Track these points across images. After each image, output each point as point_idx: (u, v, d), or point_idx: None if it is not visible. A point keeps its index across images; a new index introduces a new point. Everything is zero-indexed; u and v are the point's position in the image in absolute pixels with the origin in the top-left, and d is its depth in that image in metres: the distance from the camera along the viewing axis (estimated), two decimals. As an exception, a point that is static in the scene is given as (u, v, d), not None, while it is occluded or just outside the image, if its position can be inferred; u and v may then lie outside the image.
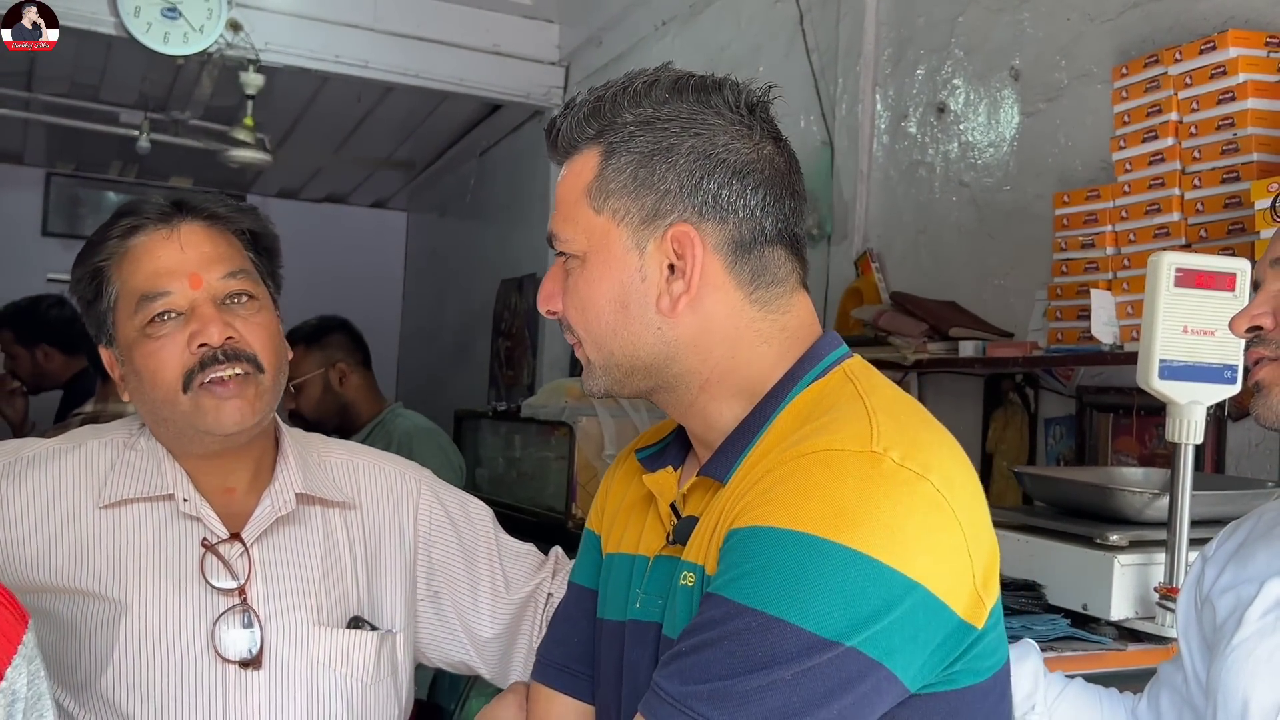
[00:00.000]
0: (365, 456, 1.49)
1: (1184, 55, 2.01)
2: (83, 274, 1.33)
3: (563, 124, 1.08)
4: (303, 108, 5.71)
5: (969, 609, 0.92)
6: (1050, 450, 2.49)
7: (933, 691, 0.92)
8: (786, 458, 0.94)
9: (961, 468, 0.97)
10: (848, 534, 0.87)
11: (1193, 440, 1.46)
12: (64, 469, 1.32)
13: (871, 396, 0.99)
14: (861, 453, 0.91)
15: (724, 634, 0.89)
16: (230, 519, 1.33)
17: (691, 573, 1.00)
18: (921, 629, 0.89)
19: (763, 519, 0.91)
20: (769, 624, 0.87)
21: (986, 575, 0.95)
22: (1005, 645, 1.01)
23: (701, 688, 0.88)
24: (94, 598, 1.27)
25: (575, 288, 1.06)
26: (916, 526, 0.90)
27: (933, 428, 1.00)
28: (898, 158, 3.03)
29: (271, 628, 1.30)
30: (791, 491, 0.91)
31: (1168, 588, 1.47)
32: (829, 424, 0.96)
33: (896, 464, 0.91)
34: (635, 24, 4.40)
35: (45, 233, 7.21)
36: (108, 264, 1.31)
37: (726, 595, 0.90)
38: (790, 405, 1.02)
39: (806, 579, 0.87)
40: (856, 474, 0.90)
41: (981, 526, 0.96)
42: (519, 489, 3.27)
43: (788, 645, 0.86)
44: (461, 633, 1.45)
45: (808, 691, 0.86)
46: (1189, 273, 1.44)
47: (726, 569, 0.93)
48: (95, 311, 1.33)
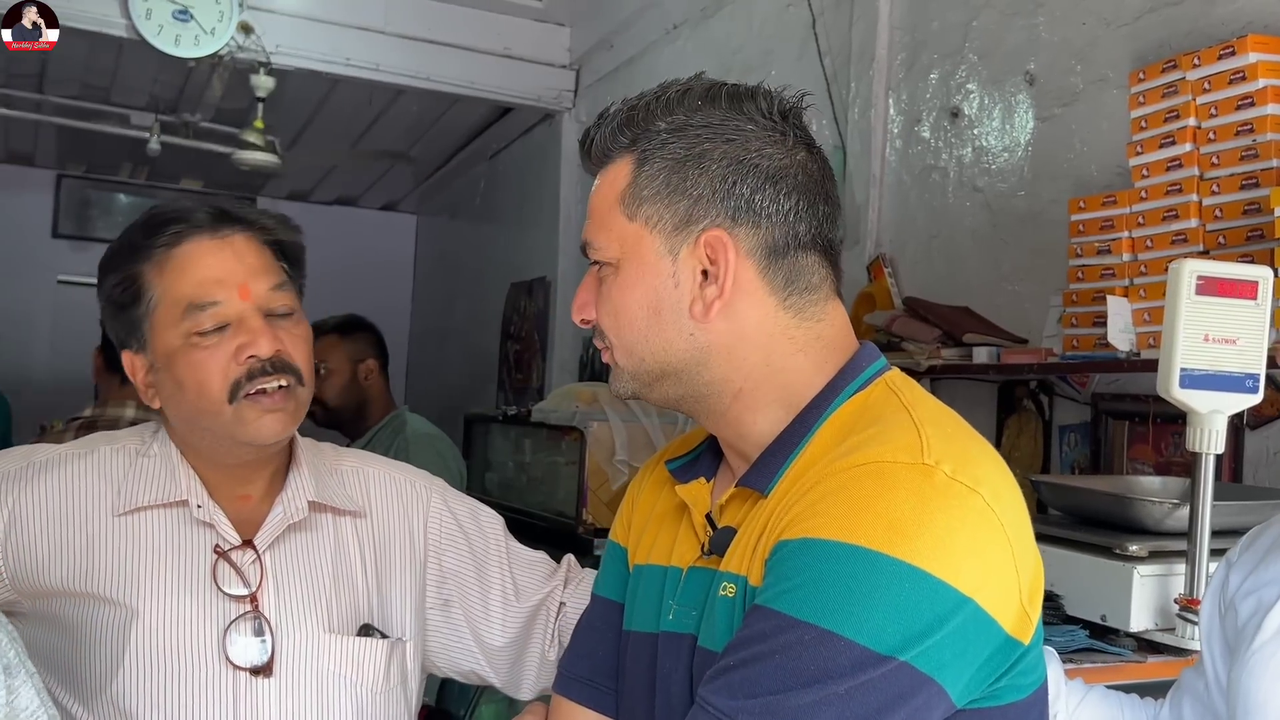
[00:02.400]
0: (376, 465, 1.48)
1: (1202, 60, 1.99)
2: (119, 278, 1.31)
3: (596, 134, 1.08)
4: (313, 110, 5.71)
5: (1016, 624, 0.92)
6: (1065, 457, 2.47)
7: (978, 707, 0.92)
8: (836, 469, 0.93)
9: (1008, 482, 0.96)
10: (901, 547, 0.87)
11: (1214, 450, 1.44)
12: (76, 475, 1.31)
13: (917, 409, 0.98)
14: (914, 465, 0.91)
15: (775, 647, 0.88)
16: (243, 525, 1.32)
17: (732, 584, 0.99)
18: (971, 644, 0.88)
19: (814, 531, 0.90)
20: (822, 637, 0.86)
21: (1032, 591, 0.94)
22: (1044, 662, 0.99)
23: (752, 703, 0.87)
24: (105, 603, 1.26)
25: (608, 295, 1.06)
26: (968, 540, 0.89)
27: (978, 441, 0.99)
28: (911, 162, 3.02)
29: (282, 635, 1.29)
30: (844, 504, 0.90)
31: (1188, 599, 1.45)
32: (877, 435, 0.95)
33: (949, 477, 0.90)
34: (646, 27, 4.38)
35: (55, 234, 7.23)
36: (147, 268, 1.29)
37: (777, 608, 0.89)
38: (833, 416, 1.01)
39: (860, 592, 0.86)
40: (909, 487, 0.89)
41: (1027, 542, 0.95)
42: (529, 494, 3.26)
43: (841, 659, 0.85)
44: (472, 641, 1.44)
45: (861, 706, 0.85)
46: (1210, 280, 1.43)
47: (776, 581, 0.91)
48: (129, 316, 1.31)
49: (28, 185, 7.15)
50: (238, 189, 7.26)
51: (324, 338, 3.23)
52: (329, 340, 3.24)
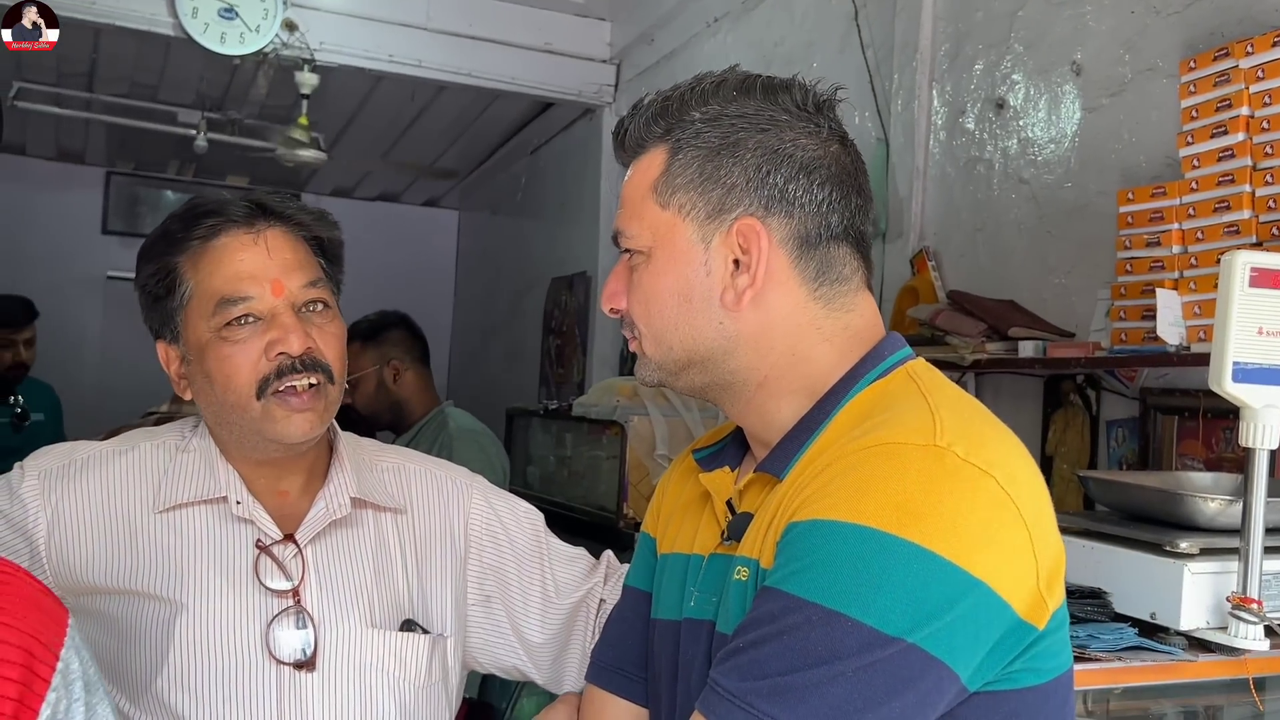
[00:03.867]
0: (416, 462, 1.48)
1: (1256, 48, 1.95)
2: (155, 269, 1.31)
3: (630, 124, 1.08)
4: (357, 107, 5.75)
5: (1030, 608, 0.91)
6: (1113, 453, 2.43)
7: (993, 690, 0.91)
8: (847, 451, 0.93)
9: (1026, 466, 0.95)
10: (911, 528, 0.86)
11: (1268, 445, 1.41)
12: (117, 472, 1.32)
13: (934, 395, 0.97)
14: (925, 446, 0.90)
15: (783, 628, 0.87)
16: (283, 520, 1.32)
17: (745, 567, 0.99)
18: (982, 627, 0.88)
19: (823, 512, 0.90)
20: (830, 618, 0.86)
21: (1051, 575, 0.93)
22: (1069, 650, 0.98)
23: (761, 684, 0.87)
24: (149, 598, 1.27)
25: (640, 283, 1.06)
26: (979, 523, 0.88)
27: (996, 426, 0.98)
28: (955, 154, 2.98)
29: (325, 629, 1.30)
30: (853, 484, 0.90)
31: (1241, 597, 1.42)
32: (891, 419, 0.94)
33: (960, 459, 0.89)
34: (687, 21, 4.37)
35: (105, 231, 7.33)
36: (183, 260, 1.29)
37: (786, 589, 0.89)
38: (851, 403, 1.01)
39: (869, 573, 0.86)
40: (919, 468, 0.89)
41: (1047, 526, 0.94)
42: (570, 488, 3.26)
43: (849, 640, 0.85)
44: (513, 637, 1.44)
45: (869, 688, 0.85)
46: (1265, 272, 1.39)
47: (785, 562, 0.91)
48: (163, 308, 1.32)
49: (78, 183, 7.25)
50: (283, 185, 7.33)
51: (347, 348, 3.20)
52: (351, 350, 3.20)
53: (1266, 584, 1.44)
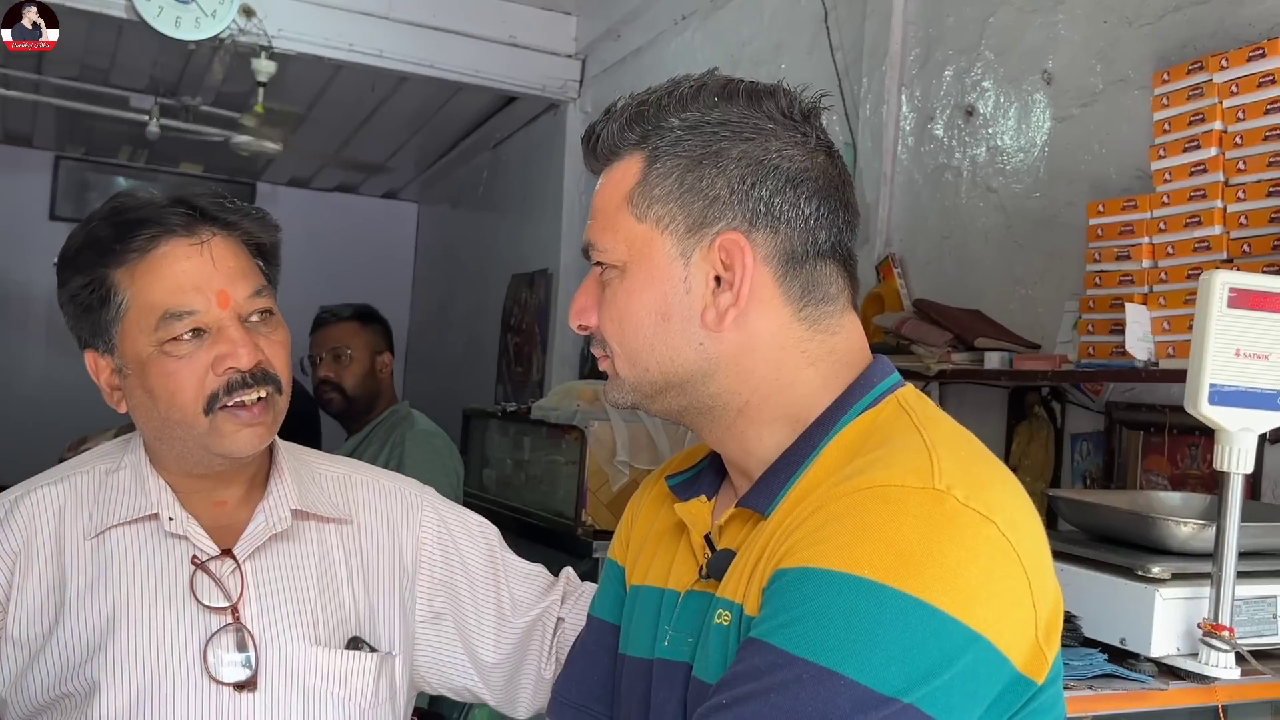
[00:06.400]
0: (363, 472, 1.42)
1: (1230, 62, 1.93)
2: (86, 280, 1.23)
3: (603, 129, 1.01)
4: (315, 96, 5.64)
5: (1029, 662, 0.86)
6: (1077, 467, 2.41)
7: None
8: (840, 493, 0.87)
9: (1025, 509, 0.89)
10: (908, 579, 0.80)
11: (1243, 469, 1.38)
12: (51, 509, 1.26)
13: (929, 429, 0.92)
14: (923, 490, 0.84)
15: (771, 685, 0.81)
16: (221, 533, 1.26)
17: (727, 611, 0.93)
18: (981, 683, 0.83)
19: (815, 560, 0.84)
20: (822, 676, 0.80)
21: (1050, 626, 0.88)
22: (1063, 700, 0.93)
23: None
24: (81, 624, 1.21)
25: (613, 299, 0.99)
26: (980, 572, 0.83)
27: (993, 464, 0.93)
28: (923, 161, 2.95)
29: (266, 648, 1.24)
30: (847, 530, 0.84)
31: (1213, 624, 1.39)
32: (885, 457, 0.88)
33: (960, 504, 0.84)
34: (654, 18, 4.32)
35: (53, 216, 7.17)
36: (118, 272, 1.21)
37: (774, 643, 0.83)
38: (840, 435, 0.95)
39: (863, 628, 0.80)
40: (917, 513, 0.83)
41: (1046, 573, 0.89)
42: (527, 493, 3.20)
43: (841, 700, 0.79)
44: (465, 656, 1.38)
45: None
46: (1243, 293, 1.36)
47: (774, 613, 0.85)
48: (95, 319, 1.24)
49: (25, 167, 7.09)
50: (238, 174, 7.21)
51: (345, 324, 3.20)
52: (350, 327, 3.21)
53: (1238, 610, 1.41)
